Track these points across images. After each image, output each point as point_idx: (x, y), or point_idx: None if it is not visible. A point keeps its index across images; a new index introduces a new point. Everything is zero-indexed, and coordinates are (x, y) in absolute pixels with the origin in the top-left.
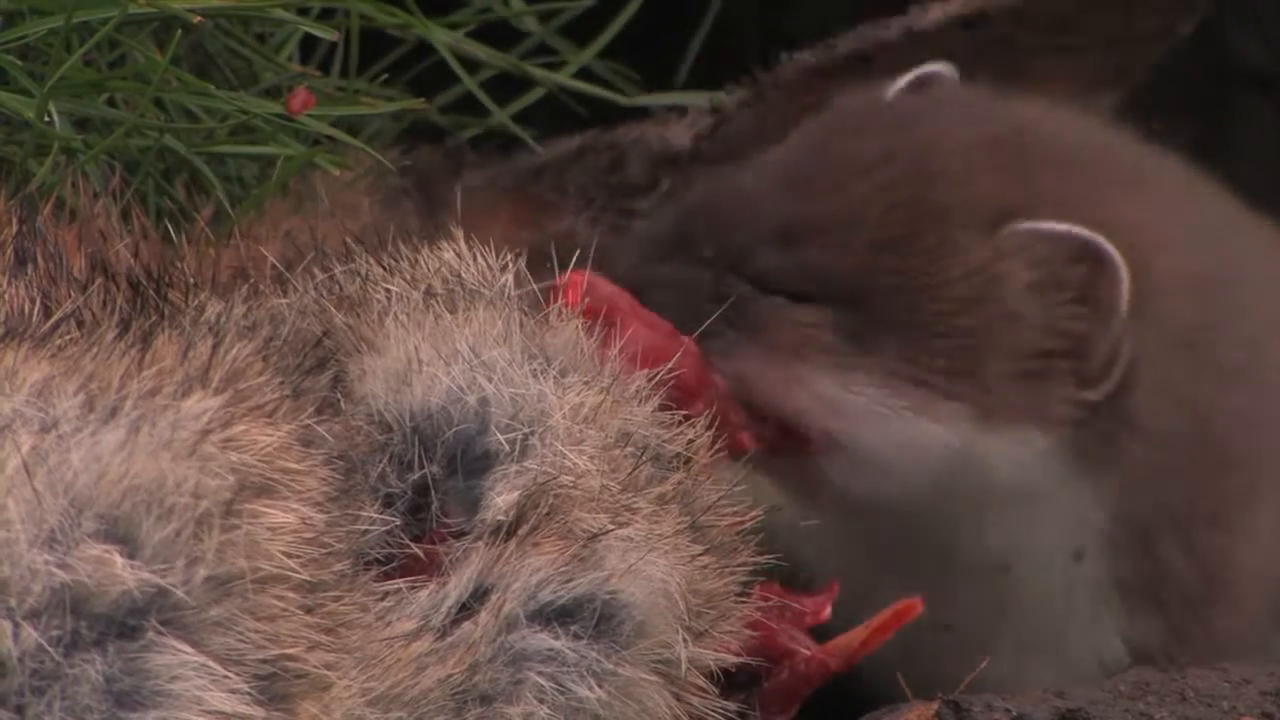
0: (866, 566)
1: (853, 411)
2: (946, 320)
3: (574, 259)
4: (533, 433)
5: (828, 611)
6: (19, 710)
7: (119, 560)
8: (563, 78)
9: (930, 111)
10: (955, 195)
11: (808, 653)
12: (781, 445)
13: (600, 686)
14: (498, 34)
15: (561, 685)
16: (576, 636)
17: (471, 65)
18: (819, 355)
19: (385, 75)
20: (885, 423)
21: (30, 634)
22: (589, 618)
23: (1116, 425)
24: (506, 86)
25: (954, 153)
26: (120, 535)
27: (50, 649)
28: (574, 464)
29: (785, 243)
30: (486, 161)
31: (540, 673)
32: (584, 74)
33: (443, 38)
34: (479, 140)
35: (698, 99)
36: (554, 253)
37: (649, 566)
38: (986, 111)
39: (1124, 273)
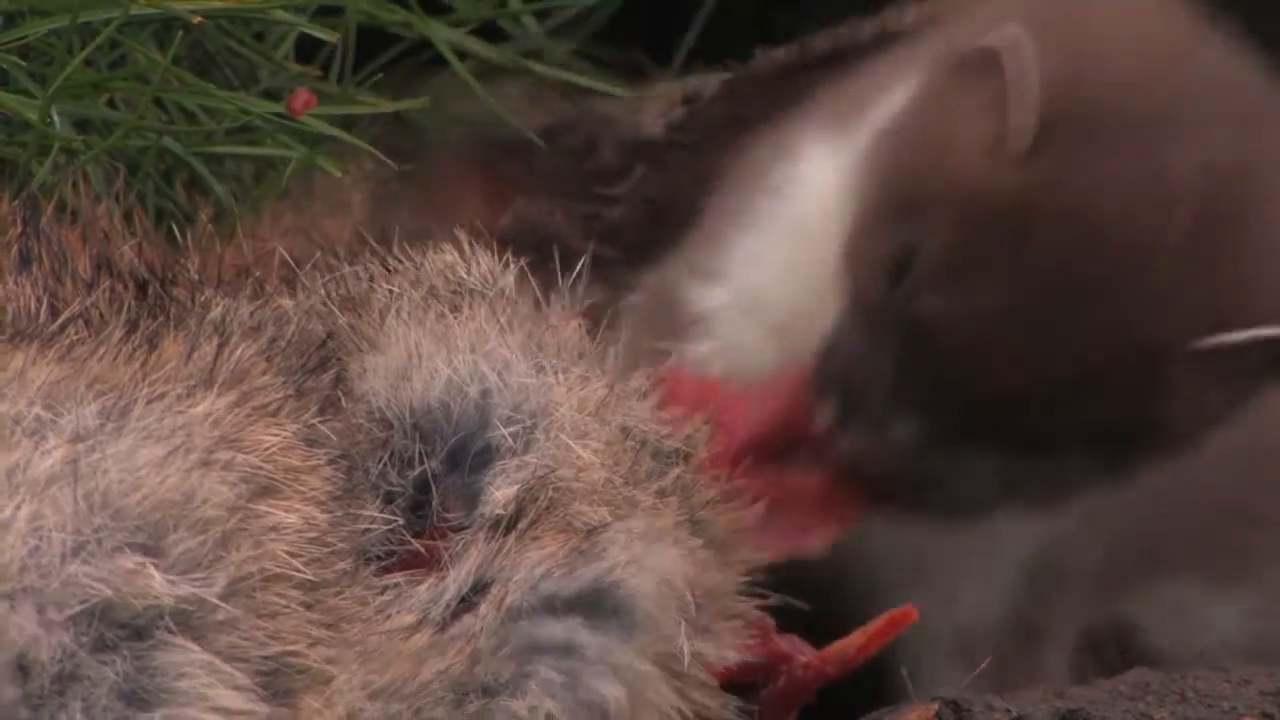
0: None
1: None
2: None
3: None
4: (535, 426)
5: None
6: (36, 710)
7: (150, 570)
8: (571, 75)
9: None
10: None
11: (805, 659)
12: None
13: (608, 677)
14: (491, 30)
15: (570, 676)
16: (582, 628)
17: (460, 57)
18: None
19: (379, 75)
20: None
21: (60, 639)
22: (594, 608)
23: None
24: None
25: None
26: (142, 544)
27: (79, 652)
28: (578, 457)
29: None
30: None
31: (547, 664)
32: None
33: (444, 36)
34: None
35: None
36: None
37: (653, 557)
38: None
39: None
